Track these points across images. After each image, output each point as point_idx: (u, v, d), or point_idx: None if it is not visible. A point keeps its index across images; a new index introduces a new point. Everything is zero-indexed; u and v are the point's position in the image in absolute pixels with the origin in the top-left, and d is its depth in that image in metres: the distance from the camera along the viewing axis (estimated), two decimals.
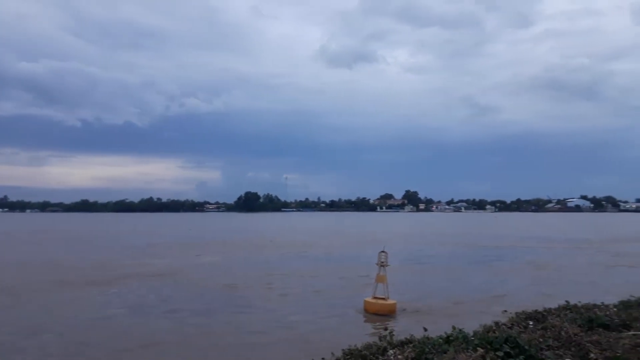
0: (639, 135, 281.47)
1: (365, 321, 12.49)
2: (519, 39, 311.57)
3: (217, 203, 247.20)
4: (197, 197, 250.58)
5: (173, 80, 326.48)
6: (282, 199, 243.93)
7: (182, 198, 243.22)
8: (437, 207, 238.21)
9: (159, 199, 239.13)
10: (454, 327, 7.40)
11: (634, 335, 7.66)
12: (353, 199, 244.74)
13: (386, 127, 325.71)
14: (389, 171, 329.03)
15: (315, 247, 33.80)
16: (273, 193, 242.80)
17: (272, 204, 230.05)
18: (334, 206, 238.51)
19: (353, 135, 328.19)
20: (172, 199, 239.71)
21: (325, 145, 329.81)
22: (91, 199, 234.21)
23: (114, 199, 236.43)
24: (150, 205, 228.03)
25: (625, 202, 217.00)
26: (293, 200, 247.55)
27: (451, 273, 21.22)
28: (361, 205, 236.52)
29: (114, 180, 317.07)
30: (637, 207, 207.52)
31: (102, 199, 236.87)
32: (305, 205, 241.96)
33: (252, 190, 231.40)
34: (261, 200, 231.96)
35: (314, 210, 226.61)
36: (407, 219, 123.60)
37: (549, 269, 22.56)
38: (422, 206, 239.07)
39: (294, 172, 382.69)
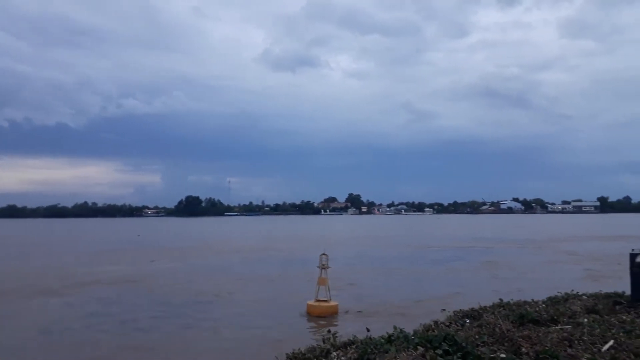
0: (564, 142, 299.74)
1: (309, 324, 12.51)
2: (455, 48, 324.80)
3: (156, 207, 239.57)
4: (135, 202, 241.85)
5: (110, 80, 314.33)
6: (225, 203, 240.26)
7: (120, 202, 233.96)
8: (379, 210, 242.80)
9: (94, 203, 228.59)
10: (395, 327, 7.57)
11: (560, 329, 8.15)
12: (297, 202, 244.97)
13: (330, 131, 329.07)
14: (332, 175, 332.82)
15: (269, 251, 33.62)
16: (215, 197, 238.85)
17: (215, 208, 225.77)
18: (278, 210, 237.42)
19: (297, 139, 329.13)
20: (108, 203, 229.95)
21: (269, 149, 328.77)
22: (19, 204, 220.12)
23: (45, 203, 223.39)
24: (85, 210, 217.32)
25: (553, 204, 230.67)
26: (236, 204, 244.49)
27: (395, 274, 21.69)
28: (305, 208, 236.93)
29: (46, 184, 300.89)
30: (562, 208, 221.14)
31: (32, 204, 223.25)
32: (249, 209, 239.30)
33: (194, 195, 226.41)
34: (203, 204, 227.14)
35: (258, 214, 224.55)
36: (351, 221, 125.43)
37: (497, 268, 23.60)
38: (364, 209, 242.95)
39: (237, 175, 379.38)
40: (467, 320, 9.19)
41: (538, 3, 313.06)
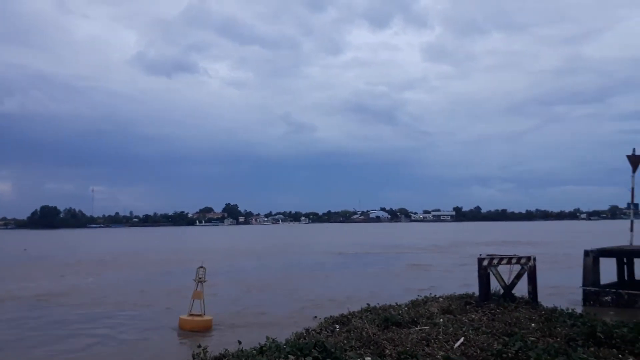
0: (426, 156, 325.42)
1: (180, 339, 12.01)
2: (331, 64, 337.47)
3: (4, 219, 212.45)
4: None
5: None
6: (88, 214, 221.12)
7: None
8: (256, 220, 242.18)
9: None
10: (267, 337, 7.60)
11: (420, 330, 8.82)
12: (170, 213, 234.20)
13: (207, 140, 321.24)
14: (208, 184, 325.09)
15: (167, 264, 31.82)
16: (76, 207, 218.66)
17: (75, 220, 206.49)
18: (148, 221, 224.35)
19: (171, 147, 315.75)
20: None
21: (139, 156, 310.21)
22: None
23: None
24: None
25: (415, 213, 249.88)
26: (101, 215, 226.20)
27: (272, 284, 21.67)
28: (178, 219, 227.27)
29: None
30: (424, 217, 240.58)
31: None
32: (116, 221, 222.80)
33: (51, 204, 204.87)
34: (62, 215, 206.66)
35: (126, 226, 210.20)
36: (233, 231, 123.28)
37: (420, 269, 25.58)
38: (242, 219, 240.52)
39: (102, 184, 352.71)
40: (337, 326, 9.53)
41: (405, 28, 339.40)
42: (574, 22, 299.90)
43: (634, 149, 16.43)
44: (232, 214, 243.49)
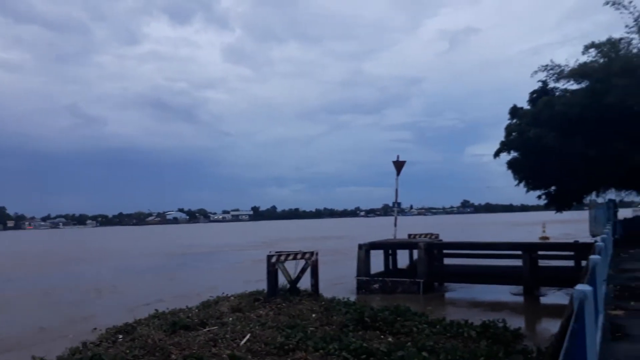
0: (225, 157, 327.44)
1: None
2: (125, 55, 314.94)
3: None
4: None
5: None
6: None
7: None
8: (30, 224, 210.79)
9: None
10: (33, 357, 6.79)
11: (208, 331, 8.87)
12: None
13: None
14: None
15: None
16: None
17: None
18: None
19: None
20: None
21: None
22: None
23: None
24: None
25: (214, 213, 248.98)
26: None
27: (45, 298, 19.14)
28: None
29: None
30: (223, 217, 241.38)
31: None
32: None
33: None
34: None
35: None
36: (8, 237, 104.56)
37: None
38: (11, 224, 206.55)
39: None
40: (120, 336, 8.99)
41: (206, 27, 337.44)
42: (357, 39, 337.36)
43: (398, 156, 19.53)
44: None
